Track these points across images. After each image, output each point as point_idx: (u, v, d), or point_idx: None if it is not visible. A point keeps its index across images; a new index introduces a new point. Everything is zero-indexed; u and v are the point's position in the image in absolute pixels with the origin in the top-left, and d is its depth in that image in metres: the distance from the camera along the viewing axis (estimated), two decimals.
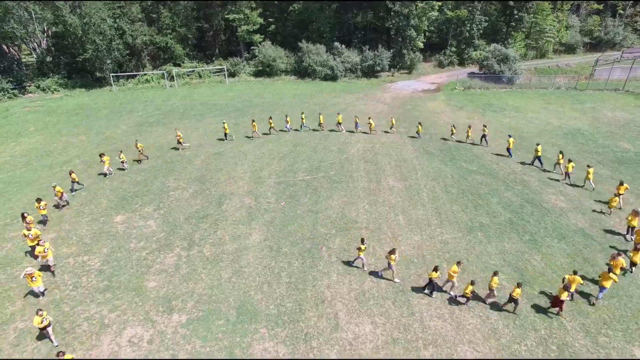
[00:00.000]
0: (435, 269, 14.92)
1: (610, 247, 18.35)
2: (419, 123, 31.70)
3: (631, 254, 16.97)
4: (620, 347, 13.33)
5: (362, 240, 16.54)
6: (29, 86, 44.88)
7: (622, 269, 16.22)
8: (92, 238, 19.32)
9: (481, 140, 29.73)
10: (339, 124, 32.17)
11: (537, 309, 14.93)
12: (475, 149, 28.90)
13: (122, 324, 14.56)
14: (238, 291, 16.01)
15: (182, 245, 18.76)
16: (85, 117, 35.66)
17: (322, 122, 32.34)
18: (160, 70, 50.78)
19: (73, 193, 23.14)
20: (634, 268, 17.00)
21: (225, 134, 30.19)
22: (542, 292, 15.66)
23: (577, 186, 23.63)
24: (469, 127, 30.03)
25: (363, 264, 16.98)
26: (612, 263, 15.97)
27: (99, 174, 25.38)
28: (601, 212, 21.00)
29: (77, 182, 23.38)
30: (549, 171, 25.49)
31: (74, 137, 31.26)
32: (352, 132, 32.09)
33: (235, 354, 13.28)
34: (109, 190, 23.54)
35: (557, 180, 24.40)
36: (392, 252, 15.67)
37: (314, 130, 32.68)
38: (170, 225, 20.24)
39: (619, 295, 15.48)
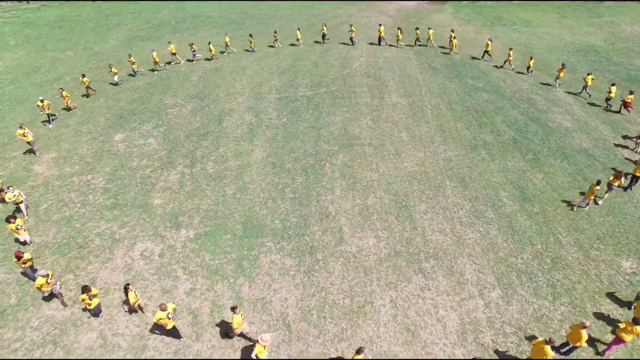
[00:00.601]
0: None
1: (611, 168, 18.38)
2: (417, 28, 30.92)
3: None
4: (610, 259, 13.93)
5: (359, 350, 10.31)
6: None
7: (620, 186, 16.40)
8: (94, 157, 19.16)
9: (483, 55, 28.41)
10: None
11: (536, 224, 15.35)
12: (483, 64, 27.57)
13: (132, 239, 15.02)
14: (243, 207, 16.29)
15: (185, 163, 18.69)
16: (70, 31, 33.34)
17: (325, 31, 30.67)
18: None
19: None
20: (633, 186, 17.19)
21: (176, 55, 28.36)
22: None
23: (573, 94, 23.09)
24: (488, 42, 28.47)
25: None
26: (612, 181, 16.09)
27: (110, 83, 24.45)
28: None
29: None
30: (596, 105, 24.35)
31: (60, 52, 29.52)
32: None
33: (244, 265, 13.89)
34: (104, 109, 22.84)
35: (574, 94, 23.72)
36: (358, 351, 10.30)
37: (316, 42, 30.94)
38: (171, 143, 19.97)
39: (614, 212, 15.80)
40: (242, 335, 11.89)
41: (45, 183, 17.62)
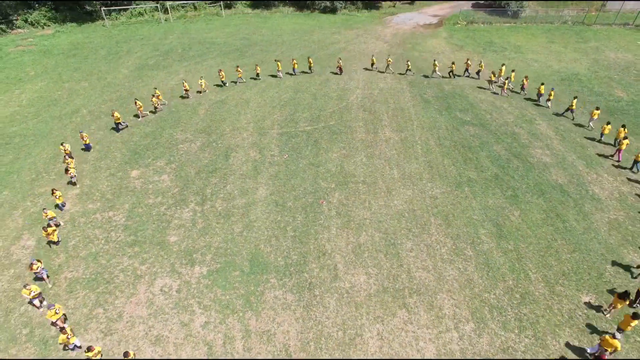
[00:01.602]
0: None
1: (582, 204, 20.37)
2: (407, 61, 33.25)
3: None
4: (572, 294, 15.93)
5: None
6: (15, 20, 43.32)
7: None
8: (113, 194, 21.20)
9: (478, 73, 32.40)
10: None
11: (509, 261, 17.34)
12: (471, 96, 29.51)
13: (152, 275, 17.07)
14: (249, 244, 18.32)
15: (196, 200, 20.72)
16: (84, 59, 35.42)
17: (311, 65, 33.47)
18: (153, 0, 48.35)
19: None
20: None
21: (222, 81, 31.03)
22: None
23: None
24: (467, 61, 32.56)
25: None
26: None
27: (111, 128, 26.51)
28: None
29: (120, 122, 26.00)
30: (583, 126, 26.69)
31: (75, 83, 31.59)
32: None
33: (251, 300, 15.93)
34: (120, 143, 24.89)
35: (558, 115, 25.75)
36: None
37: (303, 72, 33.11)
38: (182, 180, 22.00)
39: (580, 249, 17.79)
40: None
41: (71, 220, 19.68)
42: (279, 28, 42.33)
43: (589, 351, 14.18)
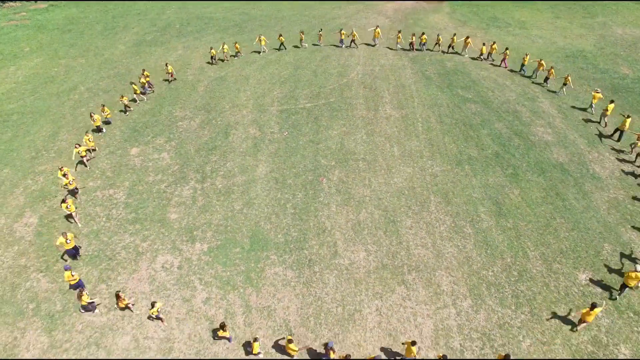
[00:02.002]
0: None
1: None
2: (399, 31, 32.60)
3: None
4: (569, 272, 16.11)
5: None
6: None
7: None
8: (114, 172, 21.19)
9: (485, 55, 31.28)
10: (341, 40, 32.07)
11: (508, 239, 17.46)
12: (474, 73, 29.04)
13: (154, 252, 17.25)
14: (250, 221, 18.43)
15: (196, 178, 20.72)
16: (79, 35, 34.73)
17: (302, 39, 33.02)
18: None
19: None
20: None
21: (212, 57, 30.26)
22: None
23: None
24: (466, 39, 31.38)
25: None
26: None
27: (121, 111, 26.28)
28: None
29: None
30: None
31: (72, 59, 31.08)
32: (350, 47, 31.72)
33: (251, 276, 16.15)
34: (119, 121, 24.70)
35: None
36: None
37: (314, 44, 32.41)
38: (182, 158, 21.94)
39: (579, 228, 17.86)
40: None
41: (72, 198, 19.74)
42: (279, 3, 41.30)
43: None
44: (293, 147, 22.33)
